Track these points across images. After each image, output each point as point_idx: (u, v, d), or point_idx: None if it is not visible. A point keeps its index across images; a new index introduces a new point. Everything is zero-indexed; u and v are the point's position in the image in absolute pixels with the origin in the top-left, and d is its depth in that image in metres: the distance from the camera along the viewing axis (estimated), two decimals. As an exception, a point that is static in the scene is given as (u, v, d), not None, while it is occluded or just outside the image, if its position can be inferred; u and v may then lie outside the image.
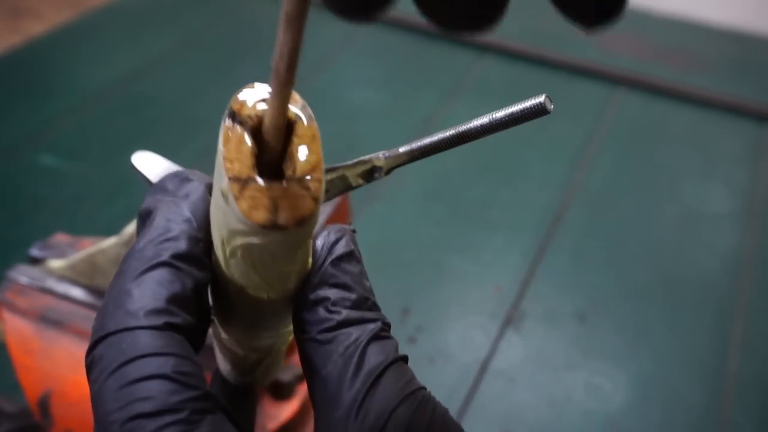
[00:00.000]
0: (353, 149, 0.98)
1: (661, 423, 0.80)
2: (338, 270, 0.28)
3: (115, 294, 0.25)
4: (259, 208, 0.23)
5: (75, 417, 0.60)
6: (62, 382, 0.59)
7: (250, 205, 0.23)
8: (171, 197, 0.28)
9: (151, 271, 0.25)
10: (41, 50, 1.34)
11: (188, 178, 0.29)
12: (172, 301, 0.25)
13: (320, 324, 0.27)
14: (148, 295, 0.25)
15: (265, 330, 0.31)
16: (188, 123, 1.18)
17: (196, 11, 1.48)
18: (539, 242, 1.00)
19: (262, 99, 0.26)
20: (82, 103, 1.20)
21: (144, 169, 0.47)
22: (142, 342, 0.24)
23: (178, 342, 0.24)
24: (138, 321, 0.24)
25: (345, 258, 0.28)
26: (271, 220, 0.23)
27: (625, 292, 0.94)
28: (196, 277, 0.26)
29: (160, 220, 0.27)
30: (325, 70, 1.32)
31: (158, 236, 0.26)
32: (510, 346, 0.86)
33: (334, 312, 0.27)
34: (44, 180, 1.05)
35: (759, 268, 0.99)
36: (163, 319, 0.24)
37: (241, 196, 0.23)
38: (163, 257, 0.26)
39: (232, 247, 0.25)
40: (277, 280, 0.27)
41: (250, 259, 0.25)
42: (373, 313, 0.28)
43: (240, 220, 0.24)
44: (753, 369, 0.85)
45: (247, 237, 0.24)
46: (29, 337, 0.59)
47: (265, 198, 0.23)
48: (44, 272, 0.61)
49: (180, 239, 0.26)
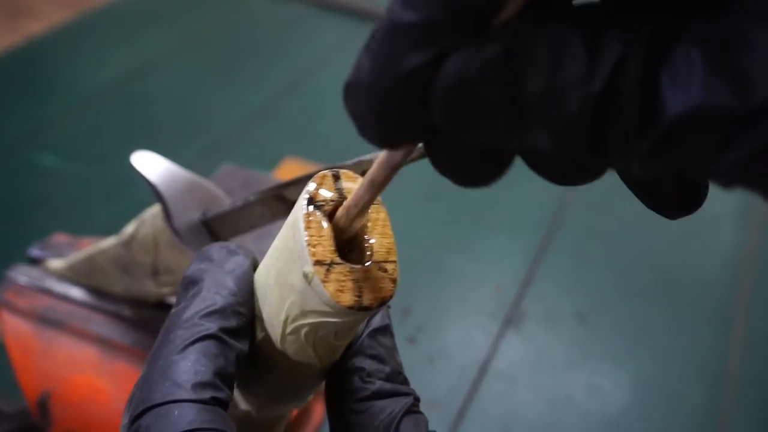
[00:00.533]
0: (353, 149, 0.98)
1: (661, 423, 0.79)
2: (374, 342, 0.29)
3: (161, 364, 0.25)
4: (346, 291, 0.25)
5: (74, 417, 0.60)
6: (61, 382, 0.59)
7: (336, 289, 0.24)
8: (217, 268, 0.28)
9: (198, 343, 0.26)
10: (40, 50, 1.34)
11: (235, 251, 0.29)
12: (218, 375, 0.25)
13: (355, 393, 0.28)
14: (195, 367, 0.25)
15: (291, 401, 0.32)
16: (188, 123, 1.18)
17: (196, 11, 1.48)
18: (539, 242, 1.00)
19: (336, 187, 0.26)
20: (82, 103, 1.20)
21: (143, 169, 0.46)
22: (190, 416, 0.24)
23: (222, 417, 0.24)
24: (185, 393, 0.24)
25: (381, 331, 0.29)
26: (357, 302, 0.25)
27: (625, 292, 0.94)
28: (238, 352, 0.27)
29: (207, 292, 0.27)
30: (325, 70, 1.32)
31: (205, 308, 0.26)
32: (510, 346, 0.86)
33: (368, 382, 0.28)
34: (43, 180, 1.05)
35: (759, 268, 0.99)
36: (210, 393, 0.24)
37: (328, 280, 0.24)
38: (211, 330, 0.26)
39: (297, 326, 0.26)
40: (330, 354, 0.28)
41: (313, 336, 0.26)
42: (405, 387, 0.28)
43: (326, 302, 0.24)
44: (753, 369, 0.85)
45: (325, 317, 0.25)
46: (28, 337, 0.59)
47: (350, 281, 0.25)
48: (43, 272, 0.61)
49: (227, 313, 0.27)
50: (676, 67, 0.15)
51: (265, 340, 0.28)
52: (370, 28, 0.94)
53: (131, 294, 0.57)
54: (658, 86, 0.15)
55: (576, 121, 0.16)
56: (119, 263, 0.55)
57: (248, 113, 1.20)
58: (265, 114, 1.20)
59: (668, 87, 0.15)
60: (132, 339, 0.57)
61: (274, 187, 0.40)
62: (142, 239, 0.51)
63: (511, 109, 0.16)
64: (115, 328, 0.58)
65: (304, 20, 1.46)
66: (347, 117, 0.20)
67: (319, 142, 1.14)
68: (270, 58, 1.35)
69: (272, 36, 1.43)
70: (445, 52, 0.16)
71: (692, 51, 0.15)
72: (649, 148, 0.15)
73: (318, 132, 1.16)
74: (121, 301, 0.58)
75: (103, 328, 0.58)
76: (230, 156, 1.08)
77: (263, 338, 0.28)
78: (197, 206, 0.46)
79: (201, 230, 0.45)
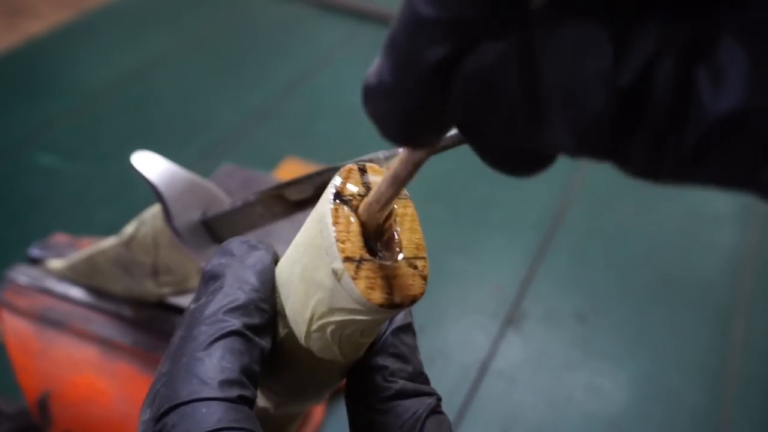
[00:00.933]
0: (353, 149, 0.98)
1: (662, 423, 0.79)
2: (397, 340, 0.28)
3: (186, 361, 0.24)
4: (376, 289, 0.24)
5: (74, 417, 0.60)
6: (61, 382, 0.59)
7: (367, 286, 0.24)
8: (239, 263, 0.27)
9: (223, 340, 0.25)
10: (40, 50, 1.34)
11: (256, 246, 0.28)
12: (244, 372, 0.25)
13: (378, 392, 0.27)
14: (221, 364, 0.24)
15: (309, 398, 0.31)
16: (188, 123, 1.17)
17: (196, 11, 1.48)
18: (539, 242, 1.00)
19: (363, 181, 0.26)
20: (82, 103, 1.20)
21: (143, 169, 0.46)
22: (217, 414, 0.23)
23: (249, 416, 0.24)
24: (212, 391, 0.23)
25: (404, 329, 0.29)
26: (388, 300, 0.24)
27: (625, 292, 0.94)
28: (261, 348, 0.26)
29: (229, 288, 0.26)
30: (325, 70, 1.32)
31: (228, 303, 0.26)
32: (510, 346, 0.86)
33: (392, 381, 0.27)
34: (43, 180, 1.05)
35: (759, 268, 0.99)
36: (237, 391, 0.24)
37: (358, 277, 0.24)
38: (236, 326, 0.25)
39: (323, 323, 0.26)
40: (354, 352, 0.27)
41: (339, 334, 0.26)
42: (428, 387, 0.28)
43: (356, 300, 0.24)
44: (753, 369, 0.85)
45: (354, 315, 0.24)
46: (28, 337, 0.59)
47: (380, 278, 0.24)
48: (43, 272, 0.61)
49: (249, 309, 0.26)
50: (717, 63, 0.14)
51: (287, 337, 0.28)
52: (370, 28, 0.94)
53: (131, 294, 0.57)
54: (695, 84, 0.14)
55: (599, 117, 0.15)
56: (119, 263, 0.55)
57: (248, 113, 1.20)
58: (265, 114, 1.20)
59: (707, 85, 0.14)
60: (132, 339, 0.57)
61: (274, 187, 0.40)
62: (142, 239, 0.51)
63: (530, 102, 0.16)
64: (115, 328, 0.58)
65: (304, 20, 1.46)
66: (347, 117, 0.20)
67: (319, 142, 1.14)
68: (270, 58, 1.35)
69: (272, 36, 1.43)
70: (467, 46, 0.16)
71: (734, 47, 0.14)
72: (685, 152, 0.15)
73: (318, 132, 1.16)
74: (121, 301, 0.58)
75: (103, 328, 0.58)
76: (230, 156, 1.08)
77: (286, 335, 0.28)
78: (197, 206, 0.46)
79: (201, 230, 0.45)
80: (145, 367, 0.57)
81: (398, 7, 0.16)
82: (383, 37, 0.17)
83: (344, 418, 0.29)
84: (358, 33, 1.41)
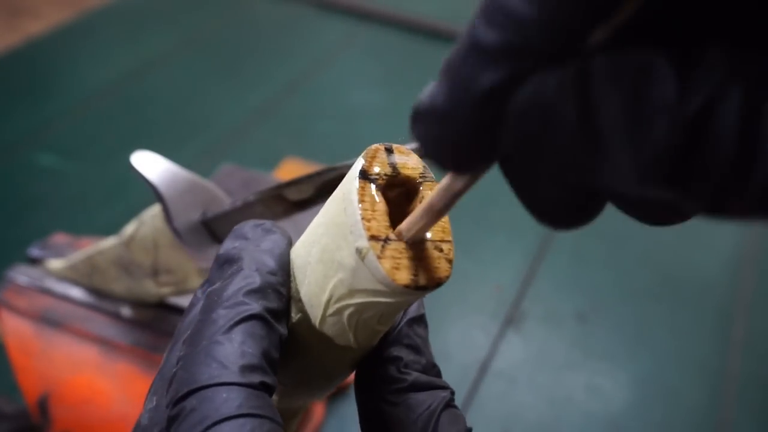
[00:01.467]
0: (353, 149, 0.98)
1: (662, 423, 0.79)
2: (411, 331, 0.28)
3: (206, 344, 0.24)
4: (402, 269, 0.23)
5: (73, 418, 0.60)
6: (61, 383, 0.59)
7: (392, 266, 0.23)
8: (254, 246, 0.27)
9: (243, 324, 0.24)
10: (40, 50, 1.34)
11: (271, 230, 0.28)
12: (265, 357, 0.24)
13: (391, 383, 0.27)
14: (242, 348, 0.24)
15: (317, 390, 0.31)
16: (188, 123, 1.17)
17: (196, 11, 1.48)
18: (540, 242, 1.00)
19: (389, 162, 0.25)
20: (82, 103, 1.20)
21: (143, 169, 0.46)
22: (238, 400, 0.22)
23: (269, 404, 0.23)
24: (233, 376, 0.23)
25: (417, 320, 0.28)
26: (414, 281, 0.23)
27: (625, 292, 0.94)
28: (280, 334, 0.25)
29: (247, 270, 0.26)
30: (325, 70, 1.32)
31: (246, 286, 0.25)
32: (510, 346, 0.86)
33: (405, 373, 0.27)
34: (43, 180, 1.05)
35: (759, 268, 0.99)
36: (259, 377, 0.23)
37: (383, 256, 0.23)
38: (256, 310, 0.25)
39: (341, 306, 0.25)
40: (368, 339, 0.27)
41: (356, 318, 0.25)
42: (441, 381, 0.28)
43: (381, 280, 0.23)
44: (753, 369, 0.85)
45: (376, 297, 0.24)
46: (28, 338, 0.59)
47: (406, 259, 0.23)
48: (43, 272, 0.61)
49: (267, 292, 0.25)
50: None
51: (300, 323, 0.27)
52: (370, 28, 0.94)
53: (131, 294, 0.57)
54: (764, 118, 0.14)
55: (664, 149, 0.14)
56: (119, 263, 0.55)
57: (248, 113, 1.20)
58: (265, 114, 1.20)
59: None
60: (132, 339, 0.57)
61: (274, 187, 0.40)
62: (142, 240, 0.51)
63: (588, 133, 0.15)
64: (115, 328, 0.58)
65: (304, 20, 1.46)
66: (347, 117, 0.20)
67: (319, 142, 1.14)
68: (270, 58, 1.35)
69: (272, 36, 1.43)
70: (524, 73, 0.16)
71: None
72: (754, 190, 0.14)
73: (318, 132, 1.16)
74: (121, 301, 0.58)
75: (103, 328, 0.58)
76: (230, 156, 1.08)
77: (299, 320, 0.27)
78: (197, 206, 0.46)
79: (201, 230, 0.45)
80: (145, 367, 0.57)
81: (398, 7, 0.16)
82: (383, 38, 0.17)
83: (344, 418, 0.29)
84: (358, 33, 1.41)
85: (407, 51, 1.38)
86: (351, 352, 0.27)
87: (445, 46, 1.38)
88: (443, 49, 1.38)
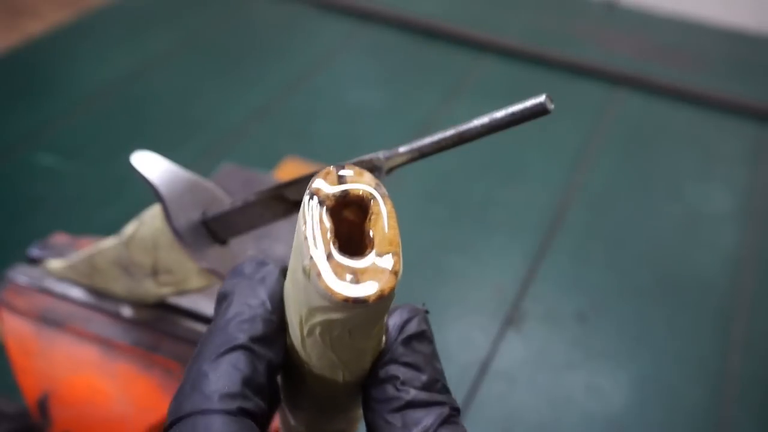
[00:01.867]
0: (353, 149, 0.98)
1: (662, 423, 0.79)
2: (409, 349, 0.28)
3: (193, 376, 0.26)
4: (342, 284, 0.24)
5: (73, 418, 0.60)
6: (61, 383, 0.59)
7: (332, 281, 0.24)
8: (247, 280, 0.28)
9: (228, 354, 0.26)
10: (40, 50, 1.34)
11: (264, 262, 0.29)
12: (246, 385, 0.26)
13: (389, 402, 0.27)
14: (224, 378, 0.25)
15: (338, 413, 0.31)
16: (187, 123, 1.17)
17: (196, 11, 1.48)
18: (539, 242, 1.00)
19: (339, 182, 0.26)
20: (81, 103, 1.20)
21: (143, 169, 0.46)
22: (215, 426, 0.24)
23: (250, 427, 0.25)
24: (212, 404, 0.25)
25: (416, 337, 0.28)
26: (354, 294, 0.24)
27: (625, 292, 0.94)
28: (269, 360, 0.27)
29: (236, 304, 0.28)
30: (325, 70, 1.32)
31: (233, 318, 0.27)
32: (510, 346, 0.86)
33: (403, 391, 0.27)
34: (43, 180, 1.05)
35: (759, 268, 0.99)
36: (237, 403, 0.25)
37: (325, 272, 0.24)
38: (240, 340, 0.26)
39: (311, 326, 0.26)
40: (353, 359, 0.27)
41: (329, 336, 0.26)
42: (442, 396, 0.28)
43: (323, 296, 0.24)
44: (753, 369, 0.85)
45: (328, 313, 0.25)
46: (28, 337, 0.59)
47: (347, 274, 0.24)
48: (43, 272, 0.61)
49: (256, 321, 0.27)
50: None
51: (292, 347, 0.28)
52: (370, 28, 0.94)
53: (131, 294, 0.57)
54: None
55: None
56: (119, 264, 0.55)
57: (248, 113, 1.20)
58: (265, 114, 1.20)
59: None
60: (132, 339, 0.57)
61: (274, 187, 0.40)
62: (142, 240, 0.51)
63: None
64: (115, 328, 0.58)
65: (304, 20, 1.46)
66: (347, 117, 0.20)
67: (319, 142, 1.14)
68: (270, 58, 1.35)
69: (272, 36, 1.43)
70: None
71: None
72: None
73: (318, 132, 1.16)
74: (121, 301, 0.58)
75: (103, 328, 0.58)
76: (230, 156, 1.08)
77: (290, 344, 0.28)
78: (197, 206, 0.46)
79: (201, 230, 0.45)
80: (146, 367, 0.57)
81: (398, 7, 0.16)
82: (383, 38, 0.17)
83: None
84: (358, 33, 1.41)
85: (407, 51, 1.38)
86: (341, 372, 0.28)
87: (445, 46, 1.38)
88: (443, 49, 1.38)
